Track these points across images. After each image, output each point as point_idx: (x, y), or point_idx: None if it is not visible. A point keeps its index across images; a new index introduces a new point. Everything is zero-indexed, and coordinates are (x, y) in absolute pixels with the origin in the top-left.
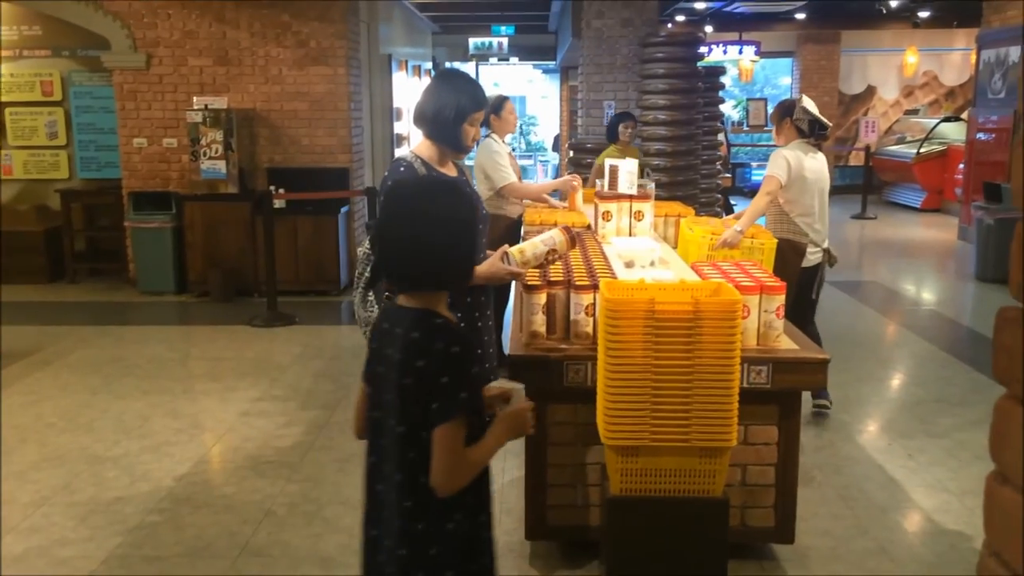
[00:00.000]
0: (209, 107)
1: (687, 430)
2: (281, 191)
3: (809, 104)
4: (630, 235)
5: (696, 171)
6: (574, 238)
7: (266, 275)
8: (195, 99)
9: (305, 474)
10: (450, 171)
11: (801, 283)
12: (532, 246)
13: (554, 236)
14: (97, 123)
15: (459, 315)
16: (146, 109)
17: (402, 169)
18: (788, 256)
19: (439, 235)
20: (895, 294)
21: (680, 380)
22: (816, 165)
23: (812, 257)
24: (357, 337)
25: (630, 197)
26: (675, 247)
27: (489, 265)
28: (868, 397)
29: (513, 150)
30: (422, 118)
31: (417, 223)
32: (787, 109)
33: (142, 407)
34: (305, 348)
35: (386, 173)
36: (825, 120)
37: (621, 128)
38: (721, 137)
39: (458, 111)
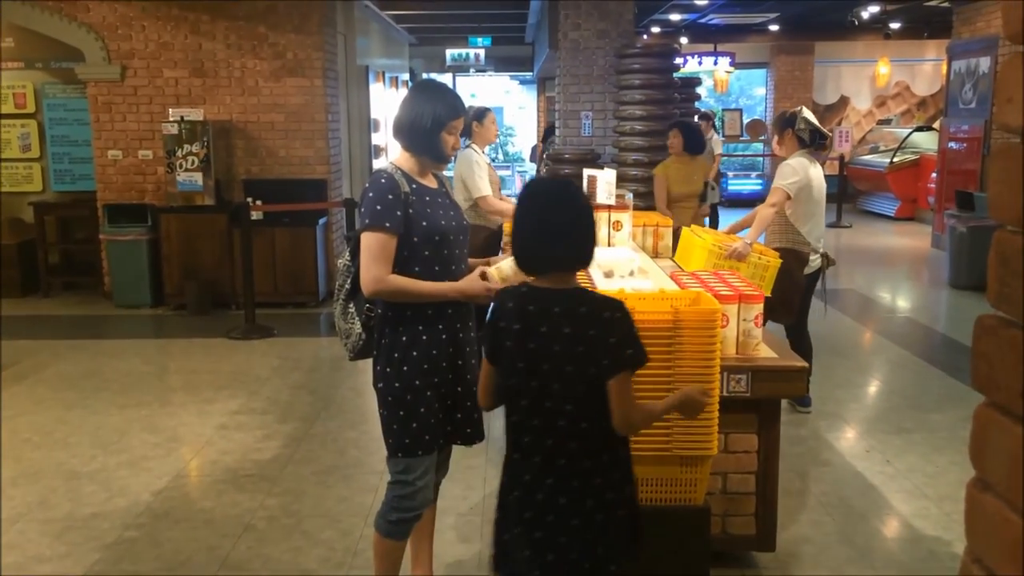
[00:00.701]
0: (185, 119)
1: (668, 439)
2: (258, 203)
3: (809, 115)
4: (609, 245)
5: None
6: None
7: (244, 287)
8: (171, 111)
9: (284, 487)
10: (430, 182)
11: (806, 289)
12: (510, 264)
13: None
14: (71, 135)
15: (440, 327)
16: (121, 121)
17: (383, 180)
18: (792, 265)
19: (583, 222)
20: (871, 301)
21: (661, 389)
22: (818, 173)
23: (813, 264)
24: (336, 349)
25: (608, 207)
26: (654, 256)
27: (467, 282)
28: (846, 404)
29: (492, 161)
30: (399, 130)
31: (565, 213)
32: (788, 120)
33: (118, 421)
34: (283, 360)
35: (366, 185)
36: (825, 130)
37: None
38: (718, 148)
39: (434, 120)
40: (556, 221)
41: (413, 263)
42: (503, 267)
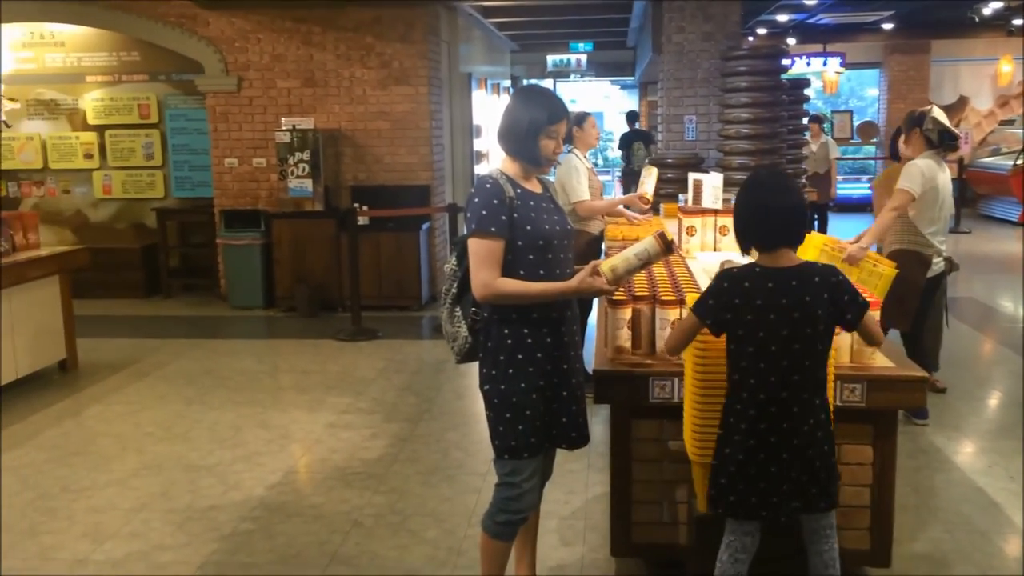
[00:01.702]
0: (296, 127)
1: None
2: (365, 208)
3: (939, 115)
4: (715, 250)
5: None
6: (670, 244)
7: (350, 290)
8: (283, 120)
9: (391, 486)
10: (534, 187)
11: (926, 292)
12: (624, 260)
13: (647, 247)
14: (191, 144)
15: (545, 331)
16: (237, 130)
17: (488, 186)
18: (913, 267)
19: (802, 206)
20: (992, 311)
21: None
22: (945, 176)
23: (936, 267)
24: (438, 352)
25: (715, 211)
26: None
27: (579, 280)
28: (966, 417)
29: (595, 166)
30: (501, 135)
31: (790, 198)
32: (917, 119)
33: (234, 418)
34: (388, 362)
35: (472, 190)
36: (955, 130)
37: (901, 141)
38: (835, 151)
39: (531, 124)
40: (782, 206)
41: (518, 267)
42: (616, 264)
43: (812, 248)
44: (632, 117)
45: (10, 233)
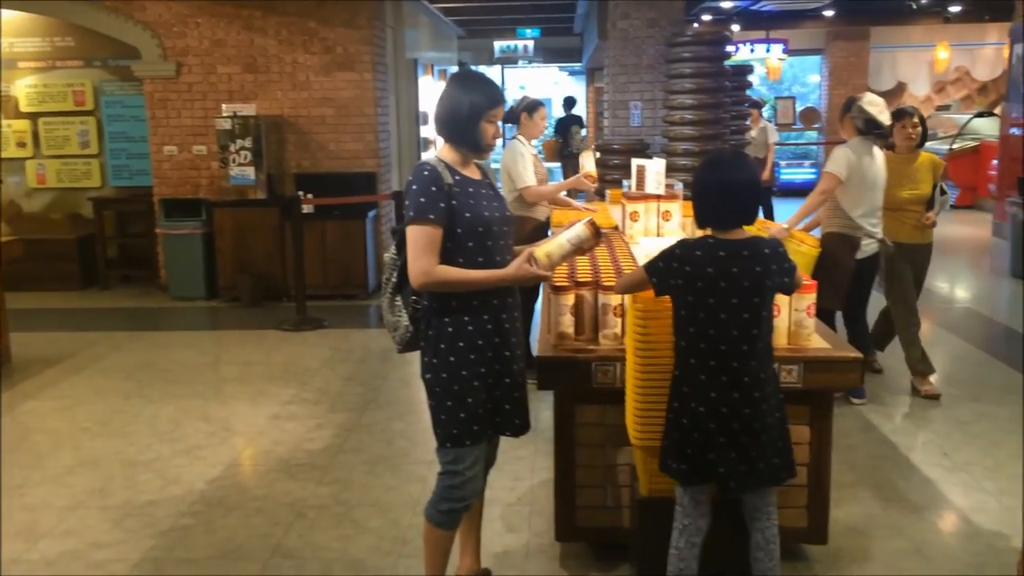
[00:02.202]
0: (238, 114)
1: None
2: (309, 196)
3: (868, 103)
4: (658, 235)
5: None
6: (599, 231)
7: (295, 280)
8: (224, 106)
9: (335, 476)
10: (473, 173)
11: (858, 274)
12: (558, 246)
13: (579, 232)
14: (128, 132)
15: (485, 318)
16: (176, 117)
17: (425, 173)
18: (841, 250)
19: (756, 183)
20: (929, 292)
21: None
22: (875, 162)
23: (867, 248)
24: (385, 340)
25: (658, 197)
26: None
27: (515, 268)
28: (902, 396)
29: (539, 152)
30: (439, 121)
31: (746, 175)
32: (847, 106)
33: (174, 411)
34: (334, 352)
35: (410, 177)
36: (881, 120)
37: (898, 128)
38: (773, 136)
39: (472, 110)
40: (743, 184)
41: (457, 254)
42: (551, 250)
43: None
44: (570, 103)
45: None
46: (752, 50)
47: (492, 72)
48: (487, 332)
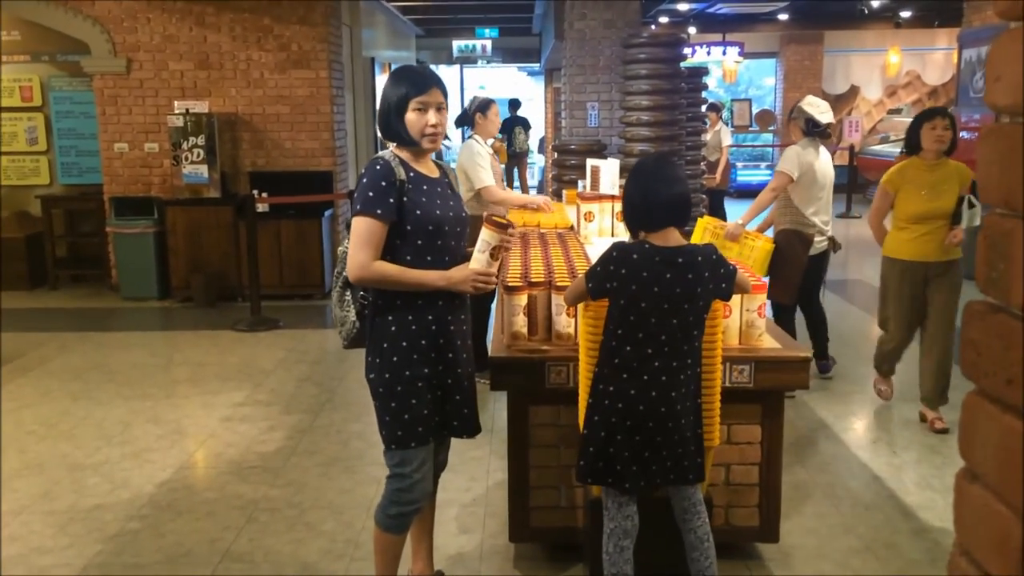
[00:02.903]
0: (190, 111)
1: None
2: (264, 195)
3: (808, 104)
4: (612, 235)
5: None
6: (504, 224)
7: (249, 279)
8: (176, 103)
9: (288, 479)
10: (430, 170)
11: (808, 270)
12: (476, 261)
13: (485, 238)
14: (78, 128)
15: (430, 317)
16: (127, 114)
17: (378, 167)
18: (795, 246)
19: (687, 189)
20: (873, 289)
21: None
22: (822, 160)
23: (819, 245)
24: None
25: (612, 197)
26: None
27: (455, 270)
28: (852, 395)
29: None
30: (377, 121)
31: (678, 182)
32: (792, 110)
33: (123, 413)
34: (289, 352)
35: (363, 170)
36: (819, 119)
37: (926, 129)
38: (727, 139)
39: (397, 101)
40: (667, 193)
41: (404, 252)
42: (473, 266)
43: (698, 229)
44: (514, 104)
45: None
46: (709, 53)
47: (451, 71)
48: (431, 333)
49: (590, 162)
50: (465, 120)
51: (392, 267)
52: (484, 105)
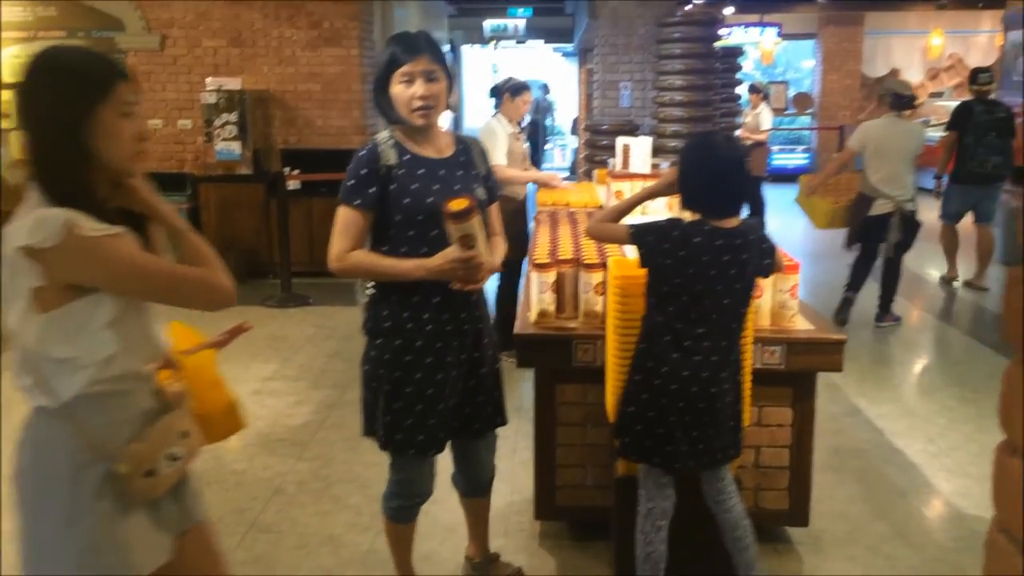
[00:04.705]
0: (223, 88)
1: None
2: (295, 172)
3: (894, 83)
4: (643, 214)
5: None
6: (456, 212)
7: (280, 256)
8: (209, 80)
9: (315, 453)
10: (433, 151)
11: (869, 228)
12: (450, 251)
13: (450, 231)
14: None
15: (425, 317)
16: (160, 91)
17: (361, 153)
18: (859, 205)
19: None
20: (919, 278)
21: None
22: (897, 136)
23: (880, 207)
24: None
25: (643, 176)
26: None
27: (437, 256)
28: (888, 380)
29: (522, 131)
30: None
31: (737, 161)
32: (879, 88)
33: None
34: (318, 329)
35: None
36: (903, 93)
37: None
38: (767, 122)
39: (381, 74)
40: (739, 173)
41: (399, 243)
42: (451, 251)
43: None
44: (544, 88)
45: None
46: (746, 33)
47: (484, 52)
48: (427, 334)
49: (621, 140)
50: (494, 94)
51: (367, 256)
52: (517, 89)
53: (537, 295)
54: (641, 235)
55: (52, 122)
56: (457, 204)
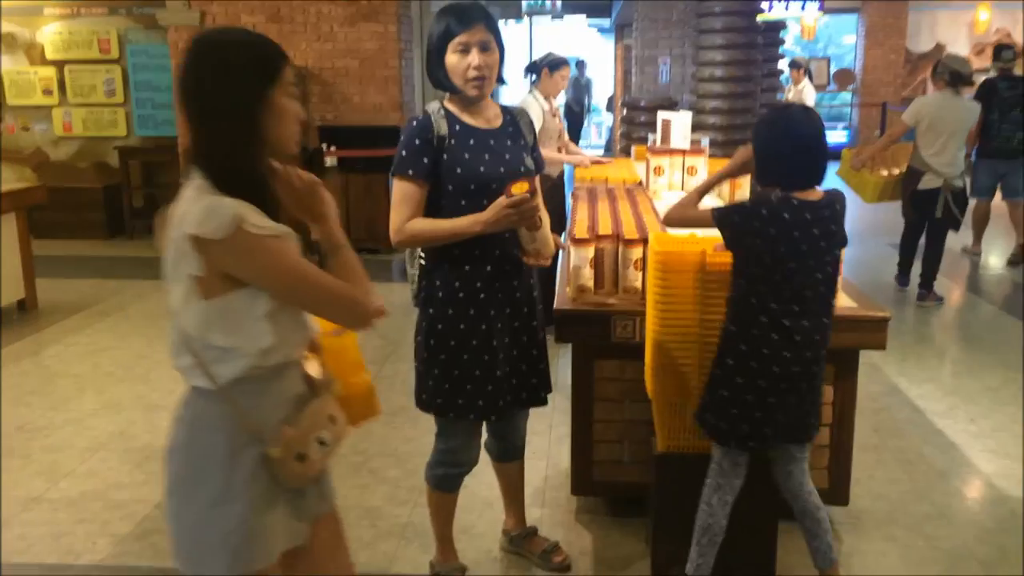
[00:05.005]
0: None
1: None
2: (332, 149)
3: (951, 59)
4: (682, 190)
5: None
6: (526, 197)
7: None
8: None
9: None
10: (484, 122)
11: (917, 203)
12: (503, 199)
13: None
14: (154, 81)
15: (478, 285)
16: None
17: (414, 123)
18: (910, 178)
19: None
20: (959, 257)
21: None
22: (951, 112)
23: (928, 182)
24: (407, 294)
25: (683, 152)
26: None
27: (489, 209)
28: (930, 360)
29: (558, 108)
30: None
31: (820, 132)
32: (936, 64)
33: None
34: None
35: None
36: (961, 70)
37: None
38: (810, 99)
39: (435, 42)
40: (823, 143)
41: (454, 213)
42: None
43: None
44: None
45: None
46: (787, 8)
47: (521, 28)
48: (479, 302)
49: (661, 115)
50: (532, 69)
51: (425, 222)
52: (555, 64)
53: (575, 270)
54: (726, 217)
55: (226, 108)
56: (519, 188)
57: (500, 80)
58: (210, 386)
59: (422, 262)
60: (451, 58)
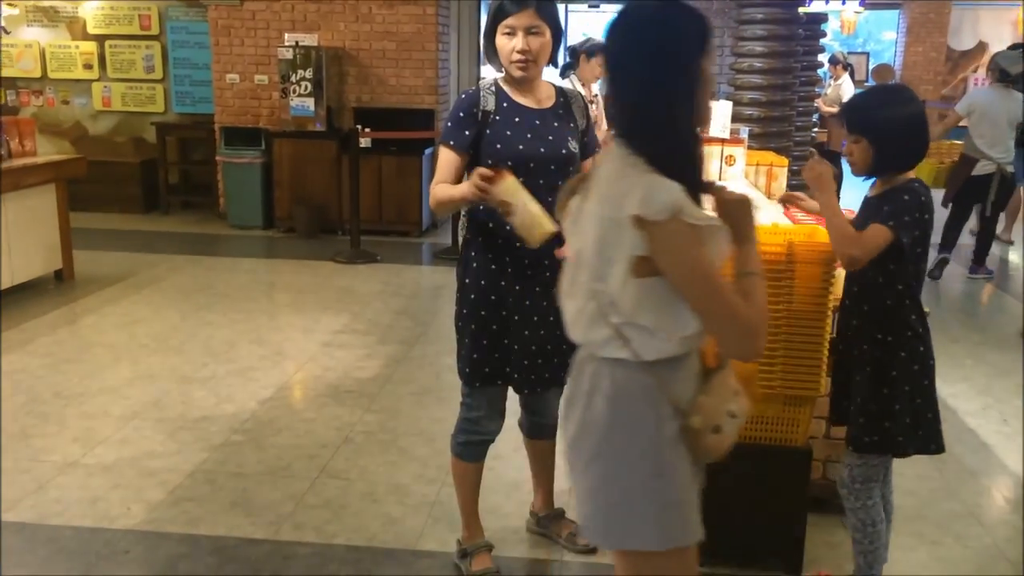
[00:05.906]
0: (300, 44)
1: (772, 376)
2: (367, 130)
3: (1002, 57)
4: (720, 179)
5: (791, 123)
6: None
7: (350, 213)
8: (286, 36)
9: (382, 405)
10: (534, 101)
11: (969, 189)
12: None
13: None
14: (192, 58)
15: (507, 259)
16: (239, 45)
17: (463, 96)
18: (963, 164)
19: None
20: (996, 256)
21: (769, 325)
22: (1001, 103)
23: (981, 168)
24: (437, 277)
25: (722, 141)
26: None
27: (466, 183)
28: (962, 360)
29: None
30: None
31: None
32: (991, 60)
33: (228, 333)
34: (386, 285)
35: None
36: (1009, 70)
37: None
38: (848, 94)
39: (490, 22)
40: (925, 116)
41: None
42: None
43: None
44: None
45: (6, 139)
46: (827, 2)
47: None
48: (510, 276)
49: None
50: (571, 54)
51: (437, 187)
52: (593, 49)
53: None
54: (905, 226)
55: (672, 79)
56: (499, 173)
57: (553, 63)
58: (631, 359)
59: (463, 235)
60: (500, 39)
